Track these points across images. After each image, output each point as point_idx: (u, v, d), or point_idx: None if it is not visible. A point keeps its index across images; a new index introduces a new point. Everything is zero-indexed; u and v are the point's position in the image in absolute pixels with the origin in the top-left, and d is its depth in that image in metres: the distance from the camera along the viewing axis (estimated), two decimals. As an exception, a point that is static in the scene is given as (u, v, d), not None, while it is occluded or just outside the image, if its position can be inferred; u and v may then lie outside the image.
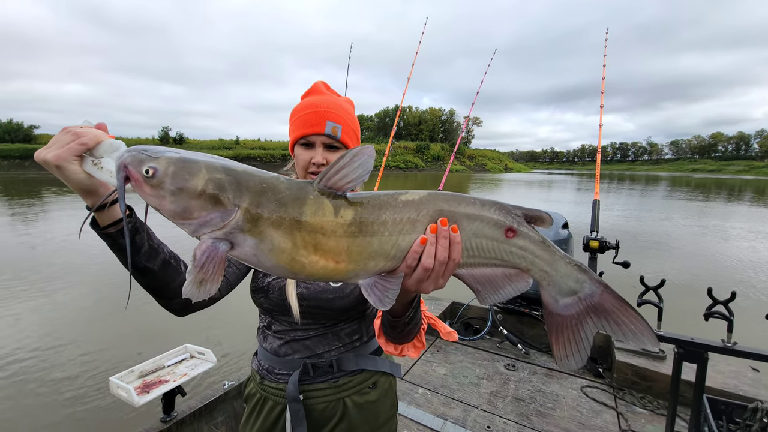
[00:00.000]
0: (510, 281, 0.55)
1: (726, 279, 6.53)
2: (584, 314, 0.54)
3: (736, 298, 1.45)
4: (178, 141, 57.54)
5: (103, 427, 2.72)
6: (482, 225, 0.54)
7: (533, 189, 32.82)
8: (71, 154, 0.54)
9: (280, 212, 0.50)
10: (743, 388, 2.08)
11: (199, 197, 0.48)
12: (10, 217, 11.71)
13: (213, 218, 0.48)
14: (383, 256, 0.53)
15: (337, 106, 0.89)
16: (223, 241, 0.49)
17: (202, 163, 0.49)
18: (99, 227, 0.63)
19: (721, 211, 16.80)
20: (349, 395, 0.90)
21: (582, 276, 0.53)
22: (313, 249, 0.50)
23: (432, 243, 0.52)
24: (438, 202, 0.54)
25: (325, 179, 0.51)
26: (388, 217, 0.52)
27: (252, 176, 0.51)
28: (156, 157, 0.48)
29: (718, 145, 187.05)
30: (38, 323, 4.39)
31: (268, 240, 0.49)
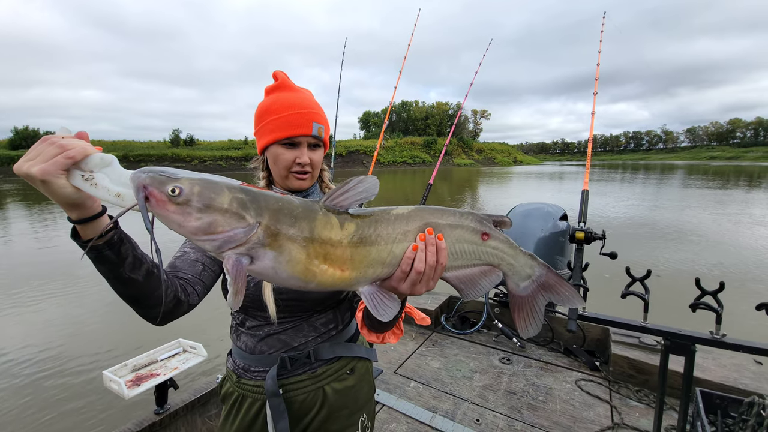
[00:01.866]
0: (486, 276, 0.67)
1: (726, 268, 6.34)
2: (537, 292, 0.68)
3: (725, 289, 1.41)
4: (188, 143, 58.38)
5: (97, 420, 2.82)
6: (463, 231, 0.64)
7: (543, 181, 32.31)
8: (58, 169, 0.51)
9: (295, 227, 0.55)
10: (744, 381, 2.03)
11: (225, 213, 0.51)
12: (30, 223, 12.09)
13: (237, 233, 0.52)
14: (381, 263, 0.61)
15: (315, 104, 0.91)
16: (245, 256, 0.53)
17: (223, 184, 0.53)
18: (81, 238, 0.60)
19: (724, 199, 16.27)
20: (329, 383, 0.91)
21: (533, 263, 0.67)
22: (324, 259, 0.57)
23: (422, 250, 0.61)
24: (424, 215, 0.63)
25: (331, 199, 0.59)
26: (383, 229, 0.60)
27: (267, 196, 0.56)
28: (177, 178, 0.50)
29: (736, 131, 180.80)
30: (40, 321, 4.55)
31: (286, 252, 0.54)
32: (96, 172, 0.54)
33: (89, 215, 0.58)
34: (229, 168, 47.69)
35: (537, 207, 3.36)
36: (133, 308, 0.71)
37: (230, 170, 46.88)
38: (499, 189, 24.74)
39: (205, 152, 50.76)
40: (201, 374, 3.27)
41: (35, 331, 4.28)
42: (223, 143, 64.30)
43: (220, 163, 48.30)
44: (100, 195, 0.54)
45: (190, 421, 1.88)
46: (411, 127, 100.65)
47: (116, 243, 0.62)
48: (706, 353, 2.24)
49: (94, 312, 4.82)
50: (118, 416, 2.81)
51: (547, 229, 3.09)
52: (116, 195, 0.53)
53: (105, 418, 2.82)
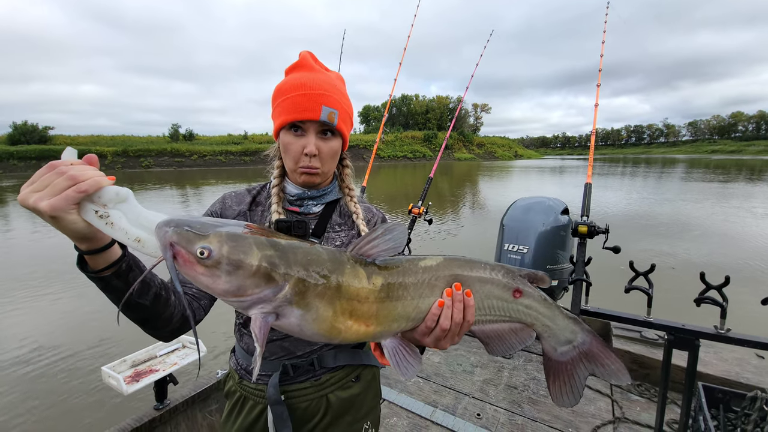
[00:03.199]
0: (516, 335, 0.62)
1: (729, 262, 6.33)
2: (578, 360, 0.63)
3: (730, 283, 1.39)
4: (188, 138, 58.12)
5: (97, 416, 2.83)
6: (492, 287, 0.60)
7: (544, 175, 32.23)
8: (69, 204, 0.47)
9: (324, 283, 0.53)
10: (746, 375, 2.02)
11: (254, 275, 0.49)
12: (29, 220, 12.09)
13: (266, 295, 0.50)
14: (406, 318, 0.58)
15: (331, 87, 0.79)
16: (271, 314, 0.52)
17: (252, 240, 0.51)
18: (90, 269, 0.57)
19: (728, 193, 16.22)
20: (332, 391, 0.88)
21: (576, 327, 0.63)
22: (350, 315, 0.55)
23: (448, 306, 0.58)
24: (453, 267, 0.60)
25: (358, 248, 0.57)
26: (410, 282, 0.58)
27: (296, 249, 0.54)
28: (205, 235, 0.48)
29: (738, 124, 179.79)
30: (40, 317, 4.55)
31: (313, 310, 0.53)
32: (111, 208, 0.50)
33: (99, 247, 0.55)
34: (229, 163, 47.50)
35: (538, 201, 3.33)
36: (142, 328, 0.69)
37: (230, 165, 46.69)
38: (500, 183, 24.67)
39: (205, 147, 50.48)
40: (202, 369, 3.28)
41: (33, 327, 4.28)
42: (223, 138, 64.00)
43: (220, 158, 48.10)
44: (116, 236, 0.51)
45: (190, 416, 1.88)
46: (411, 121, 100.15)
47: (125, 272, 0.59)
48: (708, 347, 2.23)
49: (93, 307, 4.82)
50: (117, 412, 2.81)
51: (549, 223, 3.06)
52: (136, 240, 0.50)
53: (104, 414, 2.83)
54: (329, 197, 0.89)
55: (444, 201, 14.75)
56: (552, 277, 2.96)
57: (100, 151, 43.30)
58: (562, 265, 2.98)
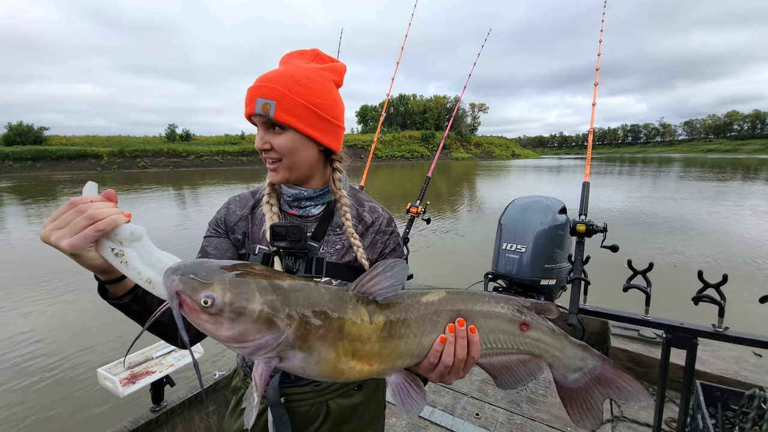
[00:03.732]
0: (524, 366, 0.63)
1: (728, 261, 6.36)
2: (591, 385, 0.63)
3: (728, 281, 1.39)
4: (184, 138, 57.85)
5: (92, 419, 2.81)
6: (498, 321, 0.60)
7: (541, 174, 32.32)
8: (87, 242, 0.51)
9: (326, 326, 0.54)
10: (743, 374, 2.03)
11: (255, 322, 0.50)
12: (27, 218, 11.99)
13: (268, 341, 0.51)
14: (409, 355, 0.59)
15: (279, 77, 0.73)
16: (274, 359, 0.53)
17: (254, 285, 0.52)
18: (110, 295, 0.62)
19: (722, 191, 16.32)
20: (333, 398, 0.87)
21: (585, 354, 0.63)
22: (352, 355, 0.56)
23: (451, 342, 0.58)
24: (456, 302, 0.59)
25: (360, 286, 0.58)
26: (411, 318, 0.58)
27: (298, 292, 0.54)
28: (209, 284, 0.49)
29: (733, 124, 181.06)
30: (40, 319, 4.51)
31: (315, 353, 0.54)
32: (125, 246, 0.53)
33: (116, 277, 0.59)
34: (226, 163, 47.31)
35: (536, 200, 3.33)
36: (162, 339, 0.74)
37: (227, 165, 46.50)
38: (497, 183, 24.73)
39: (202, 147, 50.26)
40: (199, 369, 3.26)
41: (28, 329, 4.25)
42: (220, 138, 63.76)
43: (217, 158, 47.93)
44: (129, 275, 0.54)
45: (187, 418, 1.87)
46: (409, 120, 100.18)
47: (141, 297, 0.63)
48: (706, 346, 2.24)
49: (88, 310, 4.79)
50: (113, 414, 2.79)
51: (547, 222, 3.06)
52: (147, 281, 0.53)
53: (100, 417, 2.81)
54: (328, 197, 0.87)
55: (442, 200, 14.76)
56: (550, 276, 2.95)
57: (96, 151, 43.04)
58: (560, 264, 2.98)
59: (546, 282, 2.91)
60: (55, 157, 40.44)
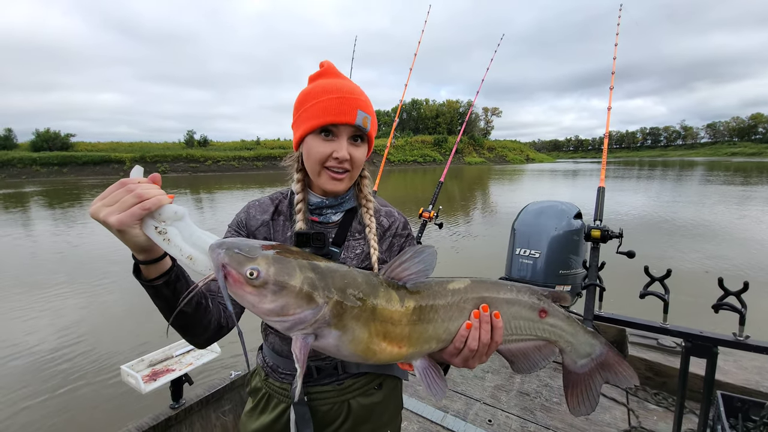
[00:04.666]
0: (540, 351, 0.66)
1: (749, 268, 6.10)
2: (594, 371, 0.67)
3: (749, 289, 1.35)
4: (202, 144, 59.47)
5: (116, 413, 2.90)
6: (519, 308, 0.63)
7: (557, 179, 31.75)
8: (134, 220, 0.53)
9: (360, 305, 0.56)
10: (766, 384, 1.96)
11: (296, 296, 0.53)
12: (53, 221, 12.52)
13: (306, 316, 0.53)
14: (436, 339, 0.61)
15: (362, 93, 0.78)
16: (310, 335, 0.55)
17: (295, 263, 0.54)
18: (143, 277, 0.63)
19: (748, 196, 15.65)
20: (354, 397, 0.88)
21: (595, 341, 0.67)
22: (384, 337, 0.58)
23: (476, 328, 0.60)
24: (480, 290, 0.62)
25: (389, 270, 0.60)
26: (440, 305, 0.60)
27: (334, 272, 0.57)
28: (254, 258, 0.52)
29: (758, 126, 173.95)
30: (66, 318, 4.70)
31: (349, 332, 0.56)
32: (168, 225, 0.56)
33: (154, 257, 0.60)
34: (242, 168, 48.29)
35: (550, 205, 3.29)
36: (181, 334, 0.74)
37: (243, 170, 47.43)
38: (511, 187, 24.41)
39: (219, 153, 51.51)
40: (215, 370, 3.33)
41: (58, 327, 4.43)
42: (236, 144, 65.24)
43: (233, 164, 48.98)
44: (171, 252, 0.56)
45: (204, 416, 1.92)
46: (421, 125, 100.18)
47: (173, 281, 0.64)
48: (727, 355, 2.17)
49: (114, 309, 4.96)
50: (136, 410, 2.88)
51: (561, 228, 3.02)
52: (188, 257, 0.55)
53: (123, 411, 2.90)
54: (347, 205, 0.89)
55: (455, 205, 14.67)
56: (564, 282, 2.91)
57: (119, 157, 44.63)
58: (575, 270, 2.93)
59: (561, 288, 2.88)
60: (80, 163, 42.13)
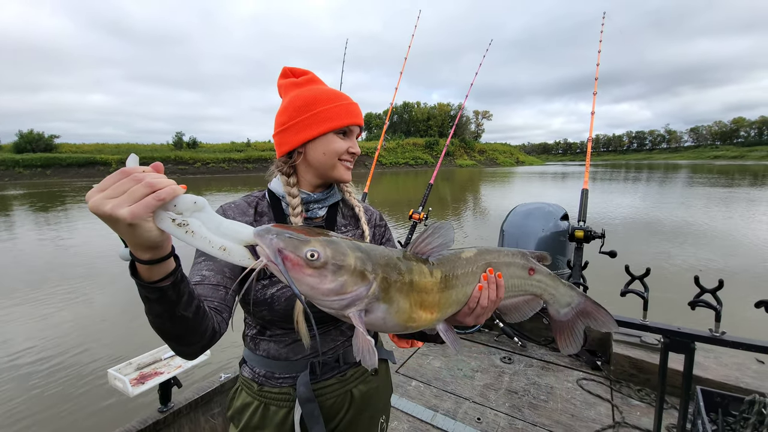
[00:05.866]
0: (528, 305, 0.77)
1: (725, 266, 6.30)
2: (576, 318, 0.78)
3: (724, 287, 1.41)
4: (191, 145, 58.62)
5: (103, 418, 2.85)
6: (515, 269, 0.73)
7: (546, 181, 32.22)
8: (149, 211, 0.45)
9: (401, 279, 0.61)
10: (745, 380, 2.03)
11: (353, 274, 0.55)
12: (36, 224, 12.20)
13: (361, 291, 0.56)
14: (457, 303, 0.69)
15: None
16: (363, 311, 0.58)
17: (344, 244, 0.57)
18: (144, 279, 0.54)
19: (727, 197, 16.16)
20: (356, 385, 0.91)
21: (573, 292, 0.78)
22: (420, 305, 0.63)
23: (486, 288, 0.69)
24: (486, 256, 0.71)
25: (414, 247, 0.65)
26: (459, 272, 0.67)
27: (374, 250, 0.61)
28: (308, 240, 0.53)
29: (740, 130, 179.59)
30: (50, 320, 4.59)
31: (395, 304, 0.60)
32: (188, 217, 0.49)
33: (161, 256, 0.53)
34: (232, 170, 47.76)
35: (538, 207, 3.37)
36: (173, 344, 0.65)
37: (233, 172, 46.92)
38: (501, 189, 24.68)
39: (208, 155, 50.86)
40: (204, 373, 3.30)
41: (43, 330, 4.32)
42: (226, 146, 64.46)
43: (223, 166, 48.44)
44: (197, 245, 0.50)
45: (193, 419, 1.90)
46: (413, 128, 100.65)
47: (179, 282, 0.57)
48: (708, 352, 2.24)
49: (100, 312, 4.86)
50: (123, 414, 2.83)
51: (548, 229, 3.10)
52: (221, 249, 0.50)
53: (110, 416, 2.85)
54: (332, 199, 0.94)
55: (445, 206, 14.77)
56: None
57: (105, 158, 43.72)
58: (561, 271, 3.00)
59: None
60: (64, 164, 41.16)
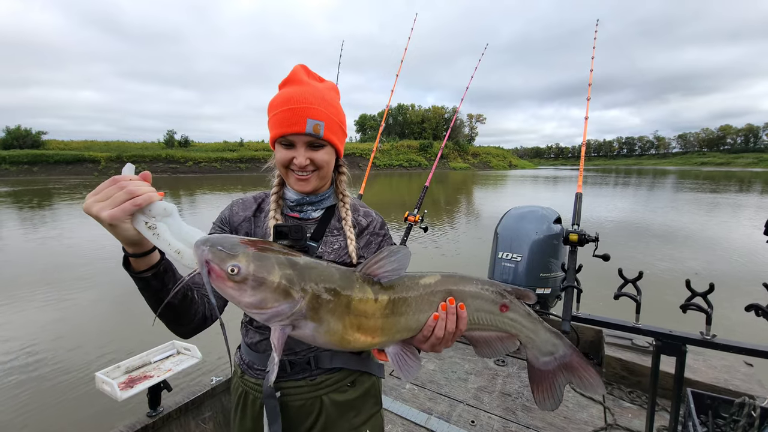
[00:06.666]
0: (502, 342, 0.70)
1: (717, 270, 6.43)
2: (558, 370, 0.70)
3: (714, 290, 1.43)
4: (183, 144, 57.93)
5: (89, 423, 2.78)
6: (482, 302, 0.67)
7: (538, 185, 32.56)
8: (125, 215, 0.56)
9: (334, 301, 0.59)
10: (734, 383, 2.06)
11: (274, 291, 0.56)
12: (22, 222, 11.93)
13: (283, 309, 0.57)
14: (407, 329, 0.66)
15: (318, 99, 0.81)
16: (288, 326, 0.59)
17: (274, 259, 0.57)
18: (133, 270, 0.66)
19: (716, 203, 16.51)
20: (327, 393, 0.89)
21: (558, 341, 0.70)
22: (357, 328, 0.62)
23: (443, 318, 0.65)
24: (448, 284, 0.66)
25: (366, 267, 0.63)
26: (411, 298, 0.64)
27: (311, 268, 0.60)
28: (235, 254, 0.55)
29: (726, 137, 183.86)
30: (36, 322, 4.48)
31: (325, 324, 0.60)
32: (158, 221, 0.58)
33: (144, 251, 0.63)
34: (224, 170, 47.27)
35: (531, 210, 3.38)
36: (168, 325, 0.77)
37: (225, 172, 46.47)
38: (494, 193, 24.87)
39: (200, 154, 50.24)
40: (195, 376, 3.24)
41: (25, 332, 4.21)
42: (219, 145, 63.78)
43: (215, 165, 47.91)
44: (160, 246, 0.59)
45: (183, 424, 1.86)
46: (407, 130, 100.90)
47: (161, 273, 0.67)
48: (698, 355, 2.27)
49: (86, 313, 4.75)
50: (109, 419, 2.77)
51: (542, 232, 3.11)
52: (176, 251, 0.58)
53: (97, 421, 2.78)
54: (327, 202, 0.94)
55: (439, 209, 14.82)
56: (545, 285, 2.99)
57: (94, 156, 42.96)
58: (554, 273, 3.02)
59: (541, 291, 2.94)
60: (52, 162, 40.32)
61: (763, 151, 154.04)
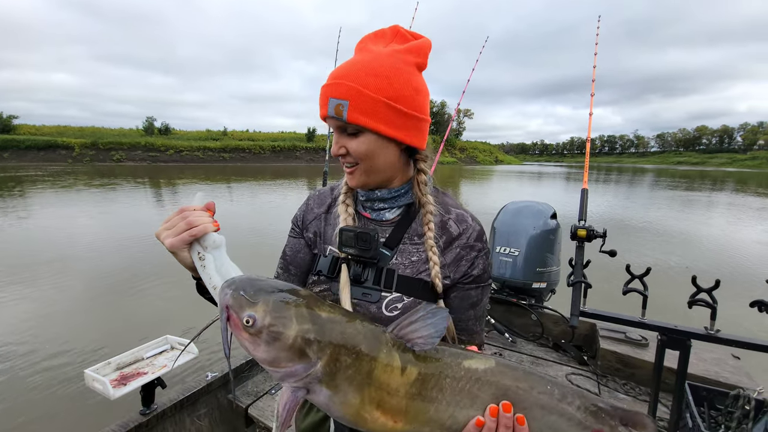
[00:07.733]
0: None
1: (718, 266, 6.70)
2: None
3: (720, 286, 1.46)
4: (163, 132, 56.00)
5: (81, 421, 2.66)
6: (560, 421, 0.47)
7: (524, 180, 33.12)
8: (183, 244, 0.58)
9: (355, 366, 0.51)
10: (724, 375, 2.13)
11: (288, 349, 0.50)
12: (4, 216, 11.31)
13: (297, 370, 0.51)
14: (439, 425, 0.51)
15: (352, 71, 0.64)
16: (301, 389, 0.53)
17: (293, 311, 0.51)
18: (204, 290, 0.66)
19: (704, 201, 17.22)
20: None
21: None
22: (377, 406, 0.52)
23: (489, 429, 0.48)
24: (504, 378, 0.49)
25: (398, 328, 0.53)
26: (447, 384, 0.50)
27: (334, 327, 0.52)
28: (254, 303, 0.50)
29: (702, 138, 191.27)
30: (20, 314, 4.26)
31: (341, 394, 0.52)
32: (207, 252, 0.60)
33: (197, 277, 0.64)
34: (207, 159, 46.00)
35: (527, 205, 3.41)
36: None
37: (208, 161, 45.23)
38: (482, 187, 25.14)
39: (182, 142, 48.65)
40: (191, 372, 3.14)
41: (10, 326, 3.99)
42: (201, 133, 61.97)
43: (197, 154, 46.56)
44: (203, 278, 0.60)
45: (178, 421, 1.80)
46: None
47: None
48: (689, 348, 2.34)
49: (75, 307, 4.54)
50: (100, 417, 2.65)
51: (539, 227, 3.14)
52: (213, 287, 0.58)
53: (86, 420, 2.66)
54: (404, 199, 0.76)
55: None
56: (541, 279, 3.03)
57: (67, 142, 41.09)
58: (550, 268, 3.06)
59: (537, 285, 2.98)
60: (23, 147, 38.36)
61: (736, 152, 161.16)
